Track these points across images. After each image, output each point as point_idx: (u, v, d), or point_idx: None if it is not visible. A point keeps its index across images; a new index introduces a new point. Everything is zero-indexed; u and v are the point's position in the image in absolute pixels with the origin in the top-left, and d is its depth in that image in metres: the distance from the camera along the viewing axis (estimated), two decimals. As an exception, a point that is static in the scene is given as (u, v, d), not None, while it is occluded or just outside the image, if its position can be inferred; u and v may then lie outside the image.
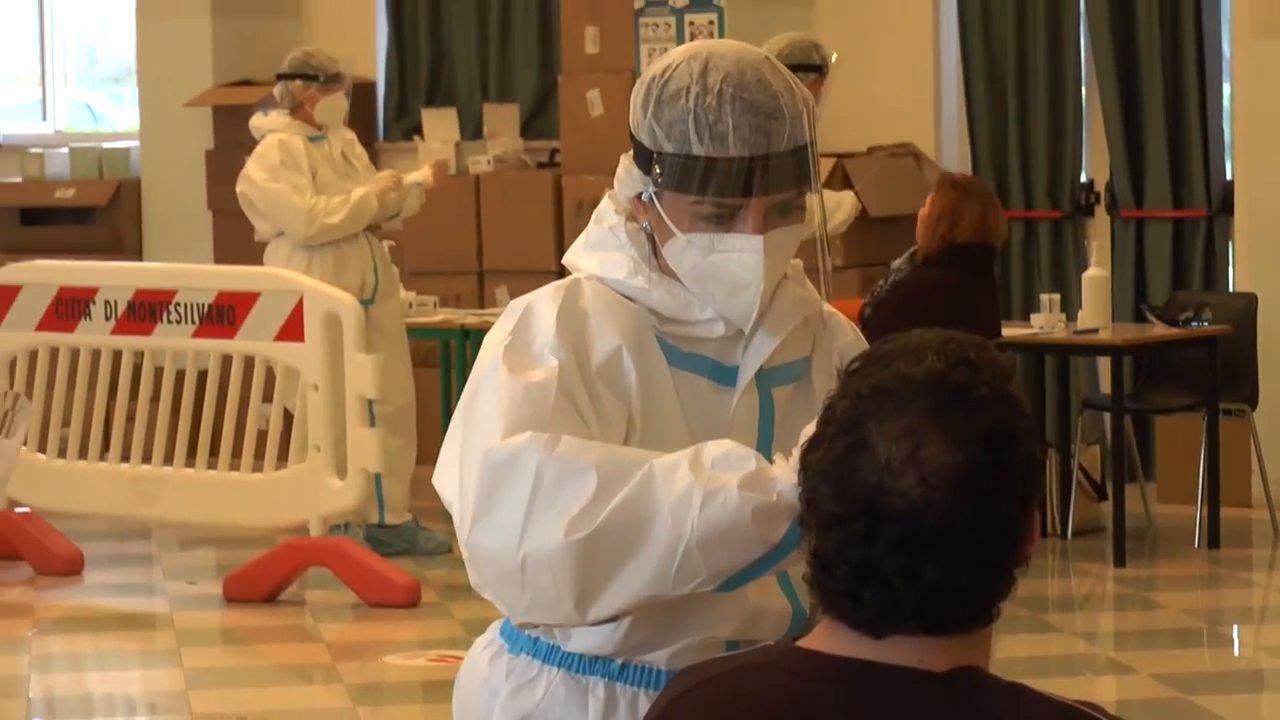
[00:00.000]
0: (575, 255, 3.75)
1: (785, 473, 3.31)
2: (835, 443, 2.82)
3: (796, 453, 3.05)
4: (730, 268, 3.61)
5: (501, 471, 3.42)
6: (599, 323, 3.66)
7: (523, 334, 3.63)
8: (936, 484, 2.74)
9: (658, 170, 3.61)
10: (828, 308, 3.82)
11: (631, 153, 3.69)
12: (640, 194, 3.65)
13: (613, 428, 3.60)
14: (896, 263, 11.22)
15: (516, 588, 3.42)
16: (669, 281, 3.68)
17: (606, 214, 3.76)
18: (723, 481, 3.31)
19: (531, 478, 3.38)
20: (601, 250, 3.71)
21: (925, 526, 2.75)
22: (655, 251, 3.70)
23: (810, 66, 12.00)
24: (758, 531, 3.31)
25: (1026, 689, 2.86)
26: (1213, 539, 12.22)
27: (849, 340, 3.79)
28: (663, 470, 3.36)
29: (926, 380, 2.80)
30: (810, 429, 3.00)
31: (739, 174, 3.58)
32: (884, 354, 2.87)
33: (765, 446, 3.64)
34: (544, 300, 3.69)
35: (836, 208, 11.78)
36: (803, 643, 2.96)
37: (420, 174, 12.33)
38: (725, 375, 3.70)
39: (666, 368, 3.69)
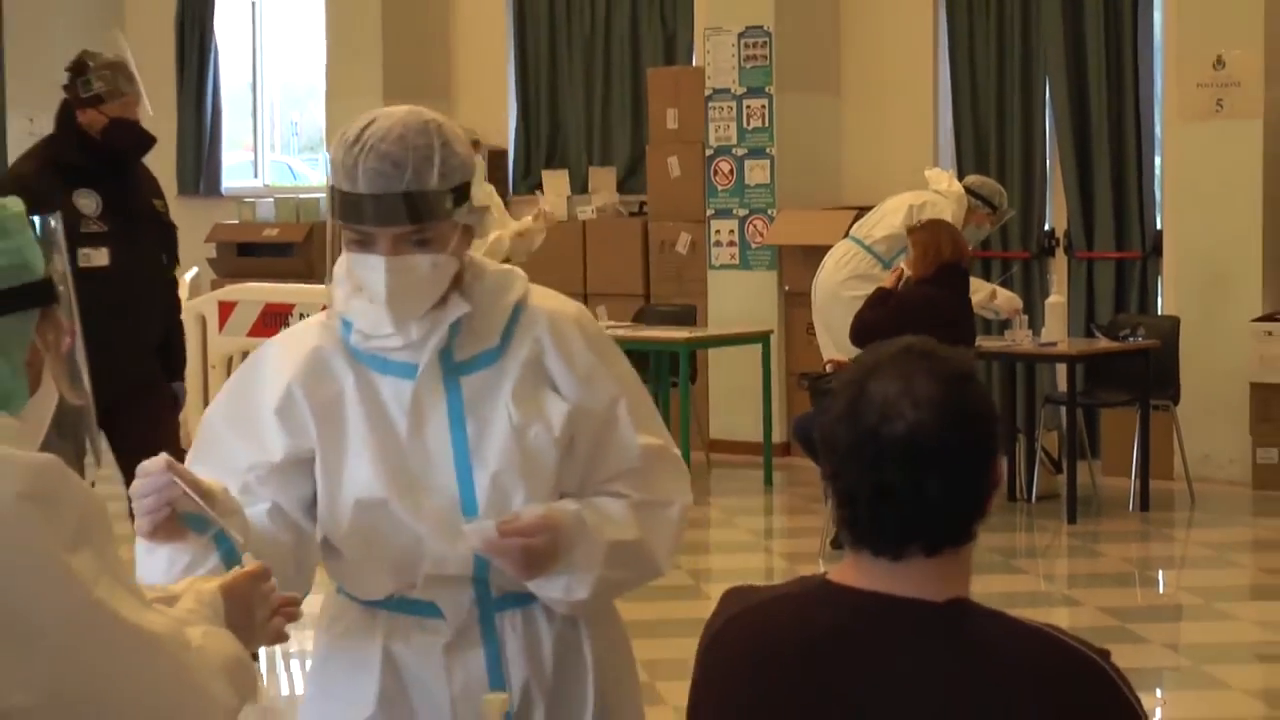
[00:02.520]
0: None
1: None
2: (840, 398, 2.85)
3: None
4: (378, 285, 3.51)
5: None
6: (287, 374, 3.61)
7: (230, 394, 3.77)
8: (926, 408, 2.79)
9: (330, 201, 3.56)
10: (536, 305, 3.66)
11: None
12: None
13: (295, 453, 3.60)
14: (885, 284, 11.14)
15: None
16: (366, 304, 3.57)
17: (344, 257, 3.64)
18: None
19: None
20: (336, 285, 3.64)
21: (922, 444, 2.79)
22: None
23: (990, 202, 12.01)
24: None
25: (1003, 615, 2.89)
26: (1144, 504, 12.17)
27: (541, 330, 3.64)
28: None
29: (907, 347, 2.88)
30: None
31: (362, 205, 3.49)
32: (878, 349, 2.91)
33: (457, 424, 3.59)
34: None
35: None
36: (831, 576, 2.93)
37: (522, 224, 12.20)
38: (411, 371, 3.60)
39: (353, 378, 3.60)
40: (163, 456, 3.34)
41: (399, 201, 3.48)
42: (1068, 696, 2.81)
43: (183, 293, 12.96)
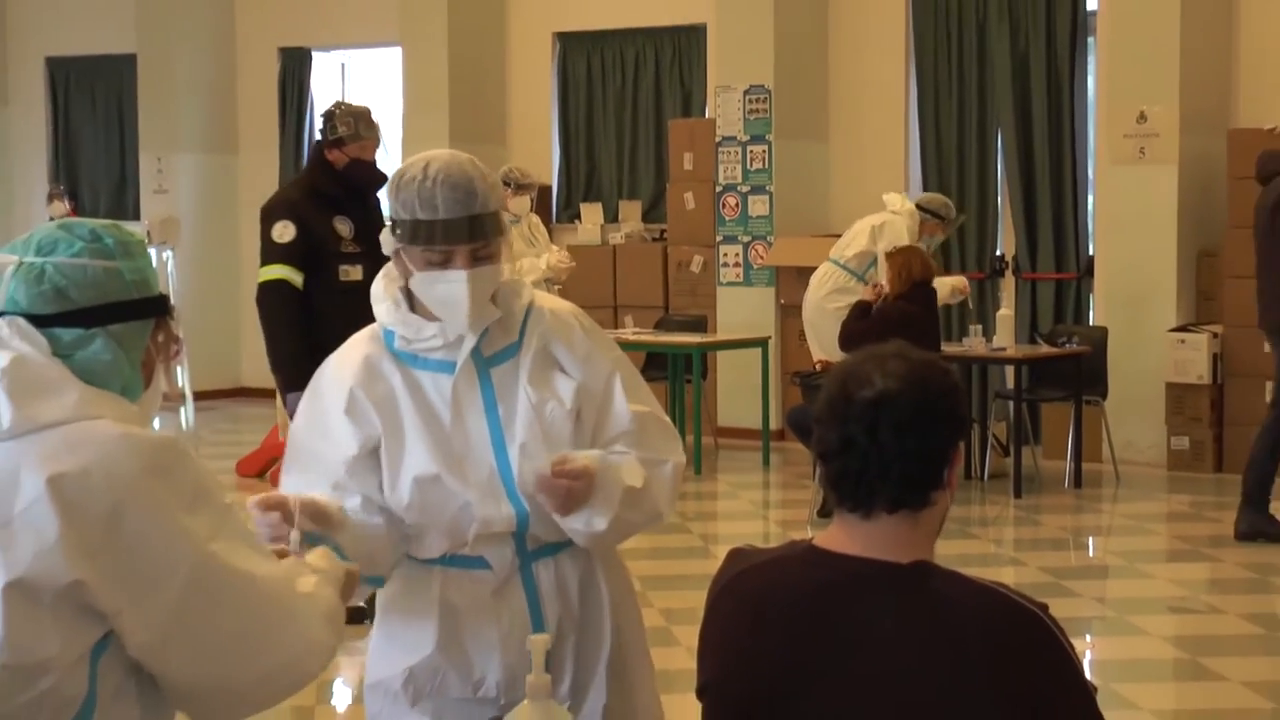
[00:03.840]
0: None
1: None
2: (833, 382, 2.90)
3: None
4: (450, 295, 3.60)
5: None
6: (348, 379, 3.69)
7: (304, 414, 3.79)
8: (895, 379, 2.84)
9: (399, 232, 3.61)
10: (540, 305, 3.77)
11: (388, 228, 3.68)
12: (395, 251, 3.64)
13: (368, 445, 3.65)
14: (865, 298, 11.15)
15: None
16: (406, 315, 3.66)
17: (382, 274, 3.73)
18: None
19: None
20: (378, 302, 3.71)
21: (891, 408, 2.82)
22: (408, 292, 3.68)
23: (937, 214, 11.97)
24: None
25: (960, 574, 2.91)
26: (1077, 482, 12.15)
27: (546, 325, 3.73)
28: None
29: (895, 350, 2.91)
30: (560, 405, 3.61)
31: (443, 230, 3.57)
32: (867, 352, 2.94)
33: (491, 409, 3.67)
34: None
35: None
36: (816, 542, 2.95)
37: (559, 255, 12.20)
38: (450, 367, 3.67)
39: (400, 377, 3.67)
40: (285, 496, 3.42)
41: (474, 223, 3.57)
42: (1013, 642, 2.83)
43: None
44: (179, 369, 10.65)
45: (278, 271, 7.87)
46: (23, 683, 2.65)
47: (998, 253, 14.01)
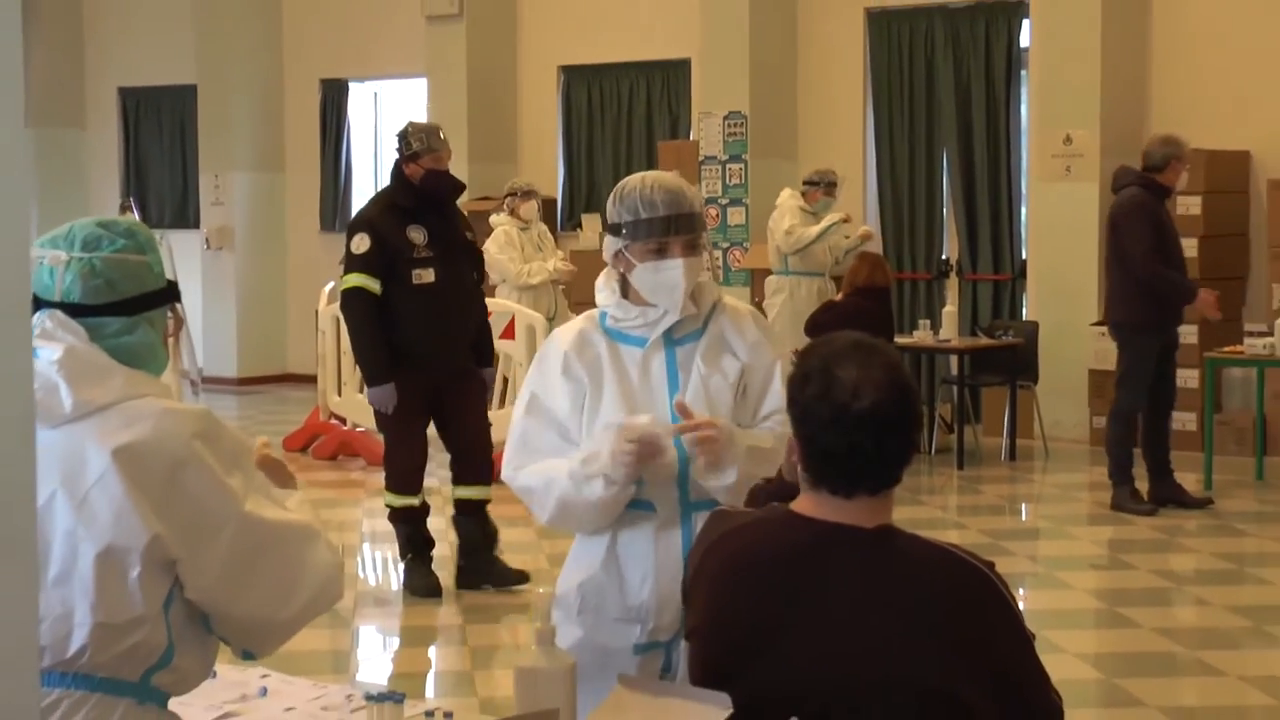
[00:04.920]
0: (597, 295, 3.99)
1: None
2: (817, 380, 2.87)
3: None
4: (664, 281, 3.83)
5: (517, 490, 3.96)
6: (564, 345, 3.93)
7: (535, 371, 4.02)
8: (879, 391, 2.84)
9: (624, 231, 3.82)
10: (725, 302, 3.99)
11: (608, 233, 3.90)
12: (616, 251, 3.85)
13: (577, 398, 3.88)
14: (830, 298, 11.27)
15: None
16: (619, 301, 3.88)
17: (604, 272, 3.96)
18: (588, 475, 3.73)
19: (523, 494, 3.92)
20: (600, 291, 3.94)
21: (878, 415, 2.84)
22: (623, 283, 3.89)
23: (814, 182, 12.17)
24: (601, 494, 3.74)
25: (919, 536, 2.93)
26: (1012, 455, 12.17)
27: (726, 318, 3.95)
28: (569, 476, 3.76)
29: (855, 342, 2.92)
30: (727, 383, 3.84)
31: (662, 224, 3.80)
32: (830, 338, 2.96)
33: (672, 376, 3.88)
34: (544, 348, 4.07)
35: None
36: (793, 507, 2.96)
37: (564, 262, 12.28)
38: (643, 342, 3.89)
39: (605, 346, 3.90)
40: (646, 423, 3.72)
41: (689, 218, 3.84)
42: (965, 595, 2.85)
43: (322, 303, 13.04)
44: (187, 345, 10.58)
45: (355, 280, 7.87)
46: (117, 638, 2.66)
47: (943, 256, 14.00)
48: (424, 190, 7.93)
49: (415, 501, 8.16)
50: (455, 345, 7.99)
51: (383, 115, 17.45)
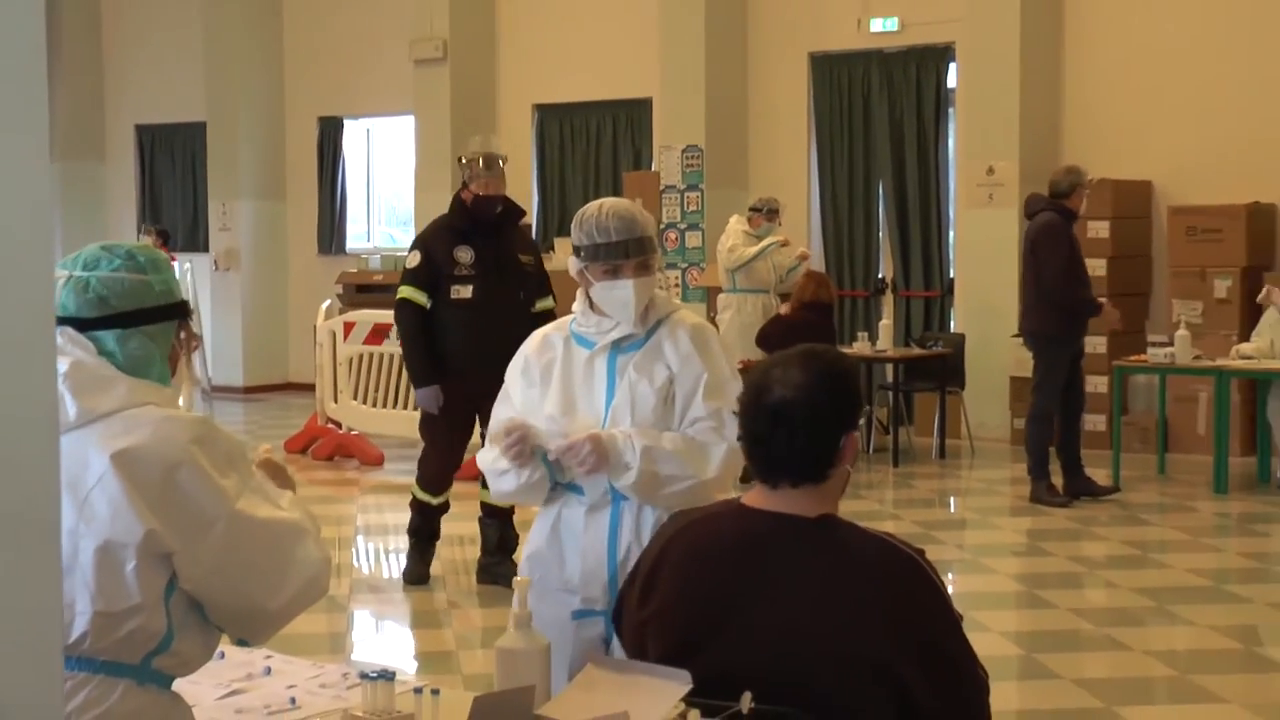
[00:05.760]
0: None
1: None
2: (757, 378, 2.92)
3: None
4: (616, 298, 3.89)
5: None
6: (528, 349, 4.06)
7: (509, 369, 4.12)
8: (791, 389, 2.86)
9: (583, 254, 3.89)
10: (677, 315, 4.01)
11: (572, 254, 3.96)
12: (579, 270, 3.92)
13: (529, 394, 4.00)
14: (781, 311, 11.28)
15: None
16: (585, 310, 3.95)
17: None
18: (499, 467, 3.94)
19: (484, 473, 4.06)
20: (576, 302, 4.00)
21: (784, 408, 2.85)
22: (589, 298, 3.96)
23: (758, 209, 12.17)
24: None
25: (857, 525, 2.93)
26: (942, 454, 12.20)
27: (666, 331, 3.96)
28: (491, 463, 3.95)
29: (808, 351, 2.94)
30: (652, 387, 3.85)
31: (615, 249, 3.86)
32: (794, 347, 2.97)
33: (610, 379, 3.93)
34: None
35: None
36: (744, 500, 2.98)
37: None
38: (593, 345, 3.96)
39: (563, 348, 3.98)
40: (521, 419, 3.88)
41: (639, 242, 3.87)
42: (897, 578, 2.85)
43: (320, 318, 13.02)
44: (200, 360, 10.61)
45: (404, 291, 7.80)
46: (115, 625, 2.64)
47: (879, 276, 14.04)
48: (474, 213, 7.84)
49: (436, 501, 8.06)
50: (493, 358, 7.89)
51: (374, 149, 17.44)
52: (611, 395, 3.90)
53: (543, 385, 3.97)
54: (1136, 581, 8.24)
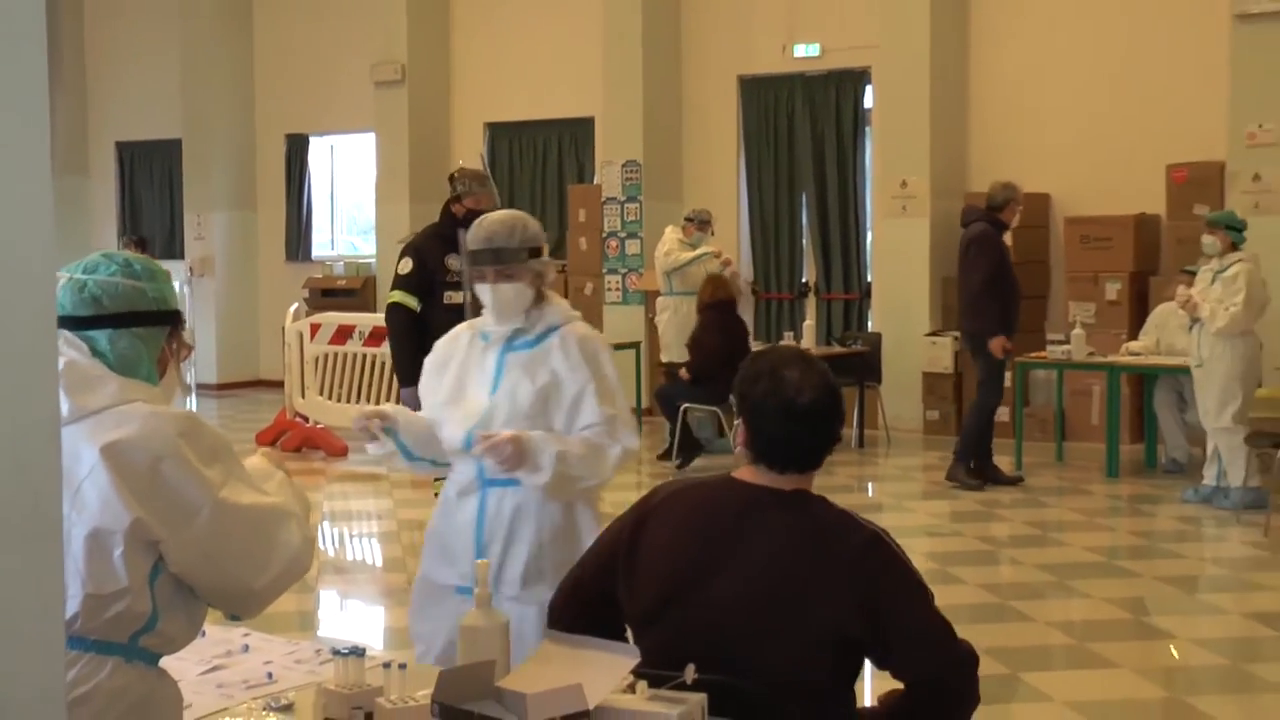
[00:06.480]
0: None
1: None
2: (766, 380, 2.95)
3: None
4: (487, 300, 3.98)
5: None
6: (440, 341, 4.15)
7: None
8: (816, 391, 2.94)
9: (466, 259, 4.12)
10: (569, 327, 4.03)
11: None
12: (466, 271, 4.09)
13: (431, 382, 4.10)
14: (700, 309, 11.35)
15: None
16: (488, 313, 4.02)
17: None
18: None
19: None
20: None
21: (815, 410, 2.93)
22: None
23: (690, 219, 12.16)
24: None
25: (826, 499, 3.01)
26: (860, 443, 12.24)
27: (557, 339, 3.98)
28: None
29: (798, 353, 3.03)
30: (531, 387, 3.89)
31: (474, 256, 3.96)
32: (774, 349, 3.08)
33: (497, 374, 3.96)
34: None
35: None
36: (734, 474, 3.04)
37: None
38: (489, 339, 4.04)
39: (468, 342, 4.04)
40: (382, 409, 4.00)
41: (493, 253, 3.92)
42: (860, 547, 2.90)
43: (288, 320, 12.93)
44: (187, 367, 10.61)
45: (396, 296, 7.75)
46: (104, 606, 2.62)
47: (803, 280, 14.06)
48: (466, 224, 7.76)
49: (430, 494, 8.02)
50: None
51: (338, 164, 17.35)
52: (496, 388, 3.94)
53: (441, 374, 4.04)
54: (1038, 559, 8.30)
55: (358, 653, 2.95)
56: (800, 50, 13.81)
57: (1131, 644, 6.62)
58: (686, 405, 11.23)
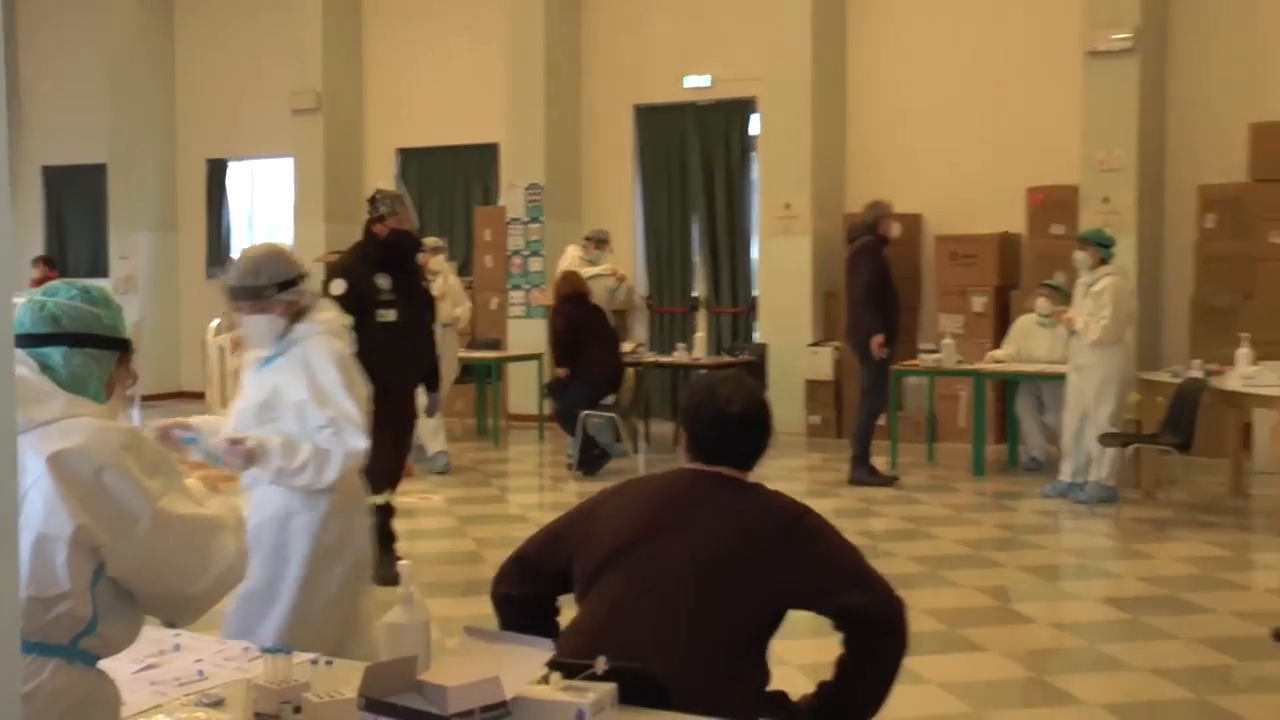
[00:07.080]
0: None
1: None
2: (702, 393, 3.21)
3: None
4: (244, 330, 4.17)
5: None
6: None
7: None
8: (746, 401, 3.18)
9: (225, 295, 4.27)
10: (307, 345, 4.18)
11: None
12: None
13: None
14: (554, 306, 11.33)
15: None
16: None
17: None
18: None
19: None
20: None
21: (745, 417, 3.18)
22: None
23: (589, 239, 12.11)
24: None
25: (762, 484, 3.22)
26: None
27: (295, 355, 4.16)
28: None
29: (734, 374, 3.27)
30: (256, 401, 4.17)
31: (228, 292, 4.16)
32: (715, 372, 3.36)
33: (254, 385, 4.21)
34: None
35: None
36: (682, 464, 3.26)
37: (464, 309, 12.05)
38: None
39: (253, 363, 4.25)
40: (179, 420, 4.08)
41: (237, 290, 4.14)
42: (796, 519, 3.11)
43: (209, 335, 12.75)
44: (134, 392, 10.45)
45: None
46: (45, 609, 2.60)
47: (694, 294, 14.13)
48: (391, 245, 7.52)
49: (378, 500, 7.81)
50: (414, 372, 7.70)
51: (256, 188, 17.17)
52: (242, 401, 4.23)
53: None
54: (912, 551, 8.40)
55: (285, 651, 2.94)
56: (692, 81, 13.90)
57: (998, 629, 6.73)
58: (586, 413, 11.20)
